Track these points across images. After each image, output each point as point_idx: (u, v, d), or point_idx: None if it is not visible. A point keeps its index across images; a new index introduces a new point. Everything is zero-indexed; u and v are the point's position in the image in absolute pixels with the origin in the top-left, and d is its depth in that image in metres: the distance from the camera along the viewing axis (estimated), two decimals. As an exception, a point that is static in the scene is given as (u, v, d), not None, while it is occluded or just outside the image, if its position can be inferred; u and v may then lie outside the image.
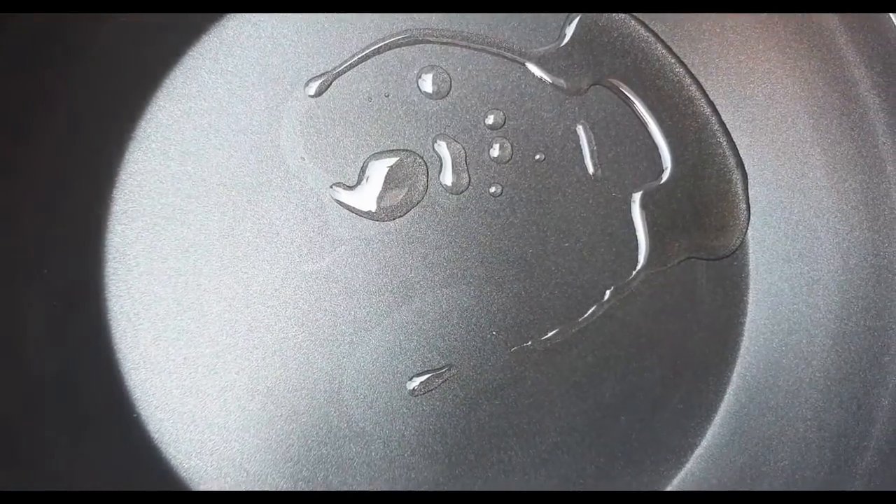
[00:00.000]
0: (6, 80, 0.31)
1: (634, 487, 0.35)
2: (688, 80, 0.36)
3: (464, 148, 0.34)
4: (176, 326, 0.33)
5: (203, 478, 0.33)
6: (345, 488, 0.34)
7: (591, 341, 0.35)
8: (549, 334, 0.35)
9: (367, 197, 0.34)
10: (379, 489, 0.34)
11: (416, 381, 0.34)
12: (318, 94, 0.34)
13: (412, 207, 0.34)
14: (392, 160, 0.34)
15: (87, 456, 0.32)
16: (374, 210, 0.34)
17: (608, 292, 0.35)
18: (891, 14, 0.31)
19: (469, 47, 0.35)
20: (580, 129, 0.35)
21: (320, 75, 0.34)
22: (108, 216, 0.33)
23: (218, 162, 0.33)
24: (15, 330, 0.32)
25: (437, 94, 0.34)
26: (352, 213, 0.34)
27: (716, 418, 0.35)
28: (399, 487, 0.34)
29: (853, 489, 0.33)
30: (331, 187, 0.34)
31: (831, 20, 0.33)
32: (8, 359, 0.32)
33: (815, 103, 0.35)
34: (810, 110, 0.35)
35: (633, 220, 0.35)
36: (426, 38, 0.34)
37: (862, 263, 0.34)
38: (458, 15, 0.35)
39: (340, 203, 0.34)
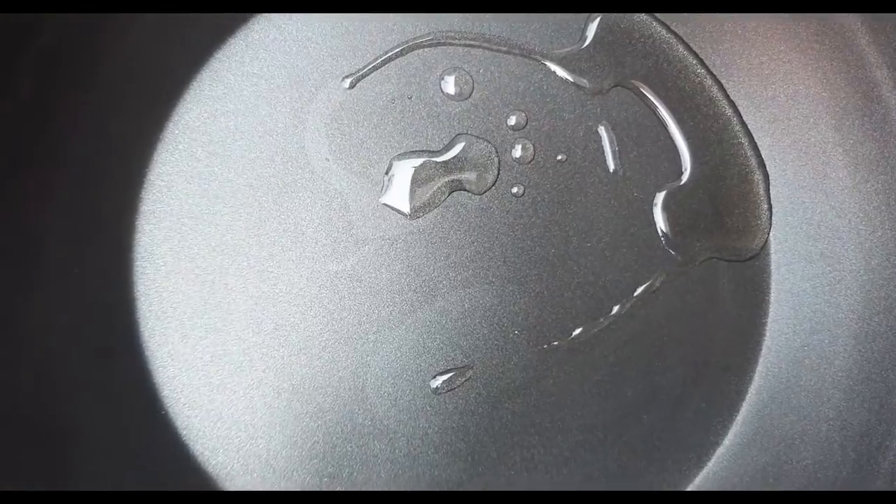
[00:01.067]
0: (34, 82, 0.32)
1: (656, 486, 0.35)
2: (709, 81, 0.36)
3: (486, 149, 0.35)
4: (203, 325, 0.33)
5: (229, 474, 0.34)
6: (369, 485, 0.34)
7: (614, 341, 0.35)
8: (572, 334, 0.35)
9: (391, 197, 0.34)
10: (402, 487, 0.34)
11: (440, 380, 0.34)
12: (352, 87, 0.34)
13: (435, 207, 0.34)
14: (416, 161, 0.34)
15: (114, 453, 0.33)
16: (399, 210, 0.34)
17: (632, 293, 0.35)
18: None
19: (491, 49, 0.35)
20: (602, 130, 0.35)
21: (347, 76, 0.34)
22: (137, 216, 0.34)
23: (244, 163, 0.34)
24: (44, 329, 0.32)
25: (460, 96, 0.35)
26: (376, 213, 0.34)
27: (738, 417, 0.35)
28: (422, 485, 0.34)
29: (875, 489, 0.32)
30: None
31: (853, 21, 0.33)
32: (37, 357, 0.32)
33: (837, 104, 0.35)
34: (832, 111, 0.35)
35: (655, 220, 0.35)
36: (449, 40, 0.35)
37: (884, 263, 0.34)
38: (481, 17, 0.35)
39: (386, 205, 0.34)
